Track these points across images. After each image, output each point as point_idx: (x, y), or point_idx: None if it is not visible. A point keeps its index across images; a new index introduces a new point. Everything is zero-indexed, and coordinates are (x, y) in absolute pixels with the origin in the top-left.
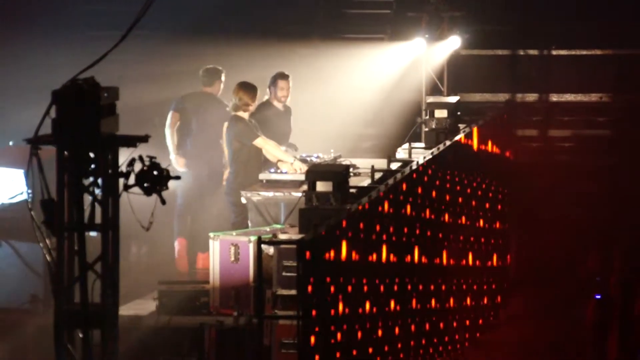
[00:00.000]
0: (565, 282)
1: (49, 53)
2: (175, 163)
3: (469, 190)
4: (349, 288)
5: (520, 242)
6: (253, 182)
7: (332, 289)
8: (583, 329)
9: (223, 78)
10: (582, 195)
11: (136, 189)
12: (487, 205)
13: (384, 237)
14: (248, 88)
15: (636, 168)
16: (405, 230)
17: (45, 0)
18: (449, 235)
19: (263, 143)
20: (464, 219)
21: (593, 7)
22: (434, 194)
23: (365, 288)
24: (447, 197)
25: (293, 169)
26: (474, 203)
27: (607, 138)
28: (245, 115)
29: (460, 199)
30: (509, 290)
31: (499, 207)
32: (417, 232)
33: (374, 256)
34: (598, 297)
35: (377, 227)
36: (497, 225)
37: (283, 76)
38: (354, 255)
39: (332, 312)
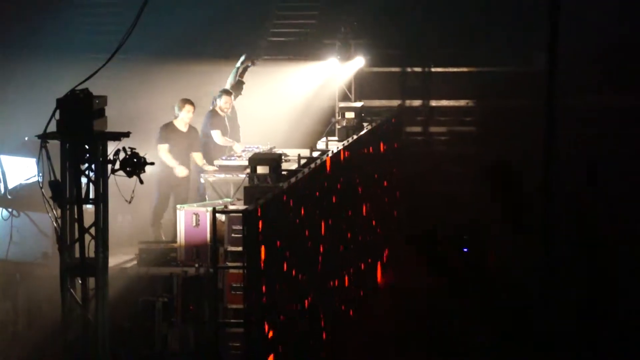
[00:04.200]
0: (441, 239)
1: (56, 70)
2: None
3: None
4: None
5: (407, 209)
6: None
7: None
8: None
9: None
10: (454, 175)
11: (120, 173)
12: (385, 183)
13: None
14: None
15: (493, 155)
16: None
17: (56, 28)
18: (358, 203)
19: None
20: (368, 191)
21: (463, 37)
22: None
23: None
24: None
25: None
26: (374, 177)
27: (472, 133)
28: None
29: (364, 179)
30: (399, 244)
31: (392, 183)
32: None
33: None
34: (465, 250)
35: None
36: (391, 195)
37: (227, 92)
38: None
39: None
